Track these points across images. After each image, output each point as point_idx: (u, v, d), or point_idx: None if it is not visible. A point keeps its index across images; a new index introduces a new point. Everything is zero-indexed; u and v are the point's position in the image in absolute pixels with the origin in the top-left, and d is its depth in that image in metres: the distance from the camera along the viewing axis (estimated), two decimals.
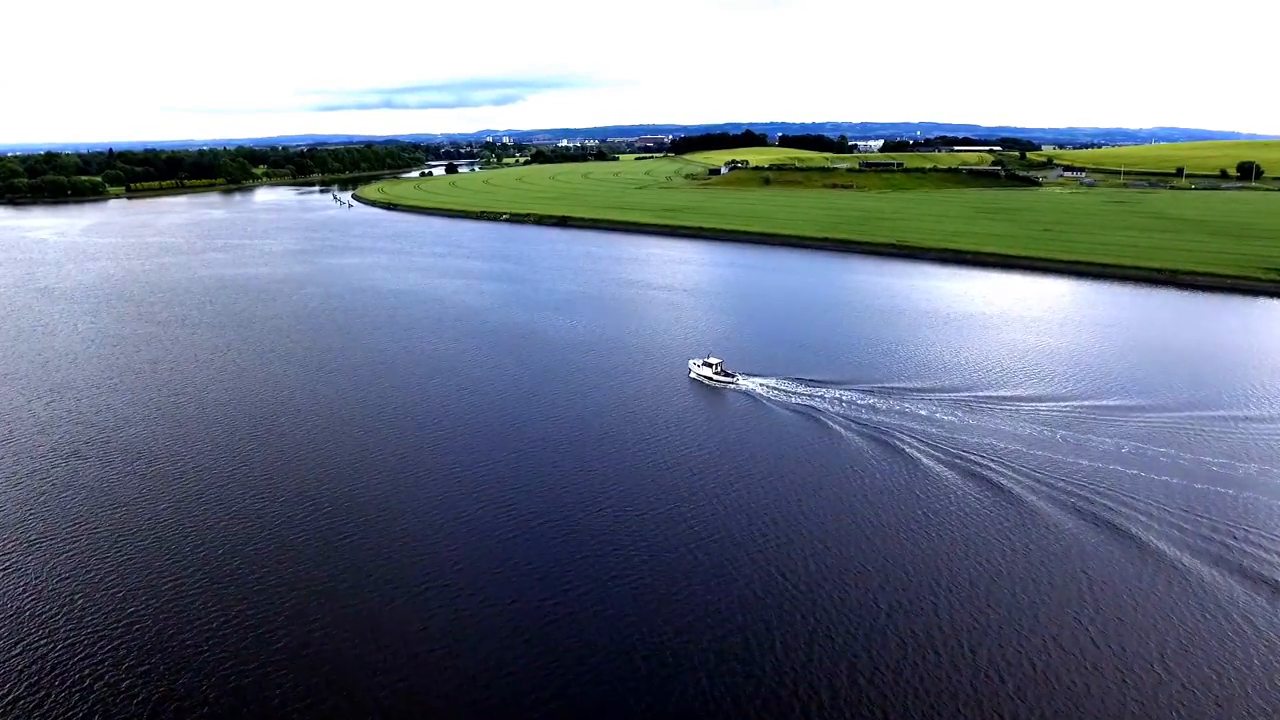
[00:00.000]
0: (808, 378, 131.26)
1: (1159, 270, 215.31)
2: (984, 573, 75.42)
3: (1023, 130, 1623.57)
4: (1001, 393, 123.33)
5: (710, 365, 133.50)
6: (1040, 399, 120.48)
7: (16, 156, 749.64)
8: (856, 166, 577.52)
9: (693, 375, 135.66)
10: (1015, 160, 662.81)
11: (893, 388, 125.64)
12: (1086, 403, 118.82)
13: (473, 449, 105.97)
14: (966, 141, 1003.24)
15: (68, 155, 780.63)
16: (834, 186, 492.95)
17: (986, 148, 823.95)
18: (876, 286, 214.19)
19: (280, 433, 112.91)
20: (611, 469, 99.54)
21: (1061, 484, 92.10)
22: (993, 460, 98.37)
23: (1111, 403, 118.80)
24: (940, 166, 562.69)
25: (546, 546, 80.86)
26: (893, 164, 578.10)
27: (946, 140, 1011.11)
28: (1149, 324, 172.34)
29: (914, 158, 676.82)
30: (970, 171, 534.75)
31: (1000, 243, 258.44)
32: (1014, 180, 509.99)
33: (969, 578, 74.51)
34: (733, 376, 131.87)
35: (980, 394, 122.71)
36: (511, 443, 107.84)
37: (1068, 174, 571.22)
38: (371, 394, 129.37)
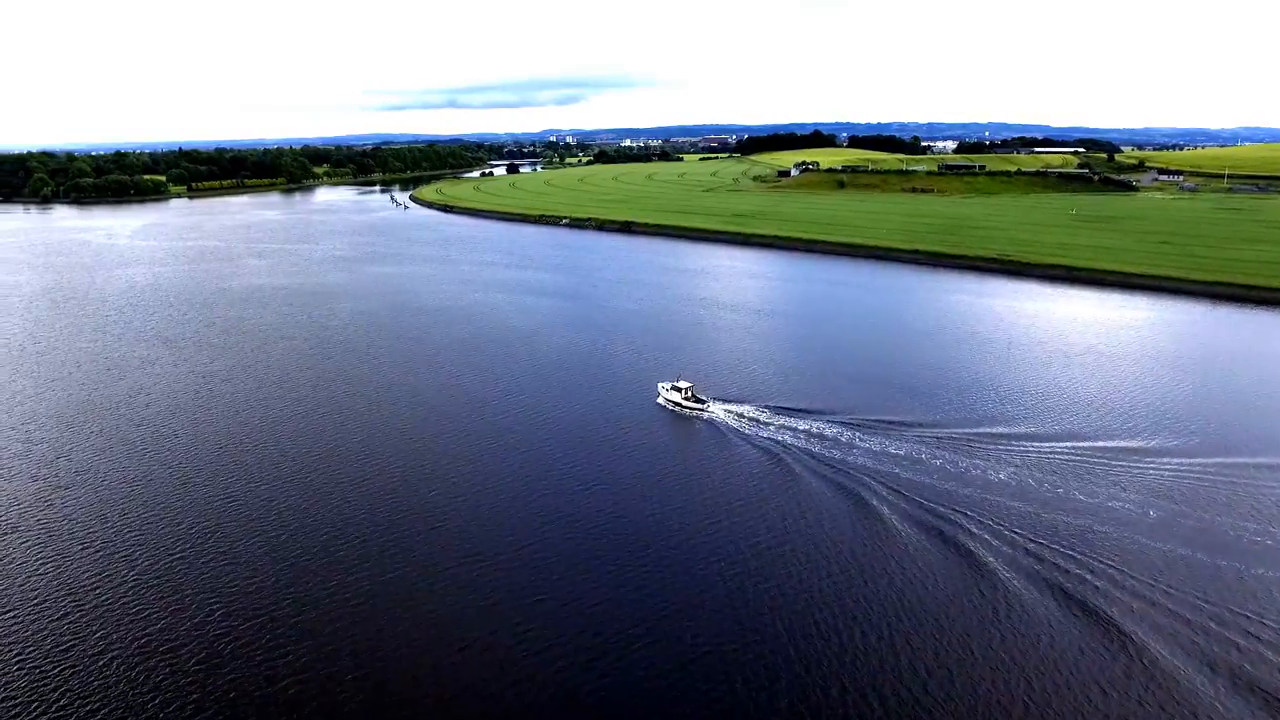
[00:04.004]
0: (888, 420, 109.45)
1: None
2: None
3: (1098, 131, 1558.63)
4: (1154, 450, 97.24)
5: (679, 389, 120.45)
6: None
7: (89, 156, 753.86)
8: (935, 169, 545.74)
9: (660, 400, 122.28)
10: (1103, 162, 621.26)
11: (1010, 444, 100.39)
12: None
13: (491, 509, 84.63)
14: (1047, 142, 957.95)
15: (136, 154, 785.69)
16: (913, 190, 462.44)
17: (1070, 149, 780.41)
18: (976, 309, 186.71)
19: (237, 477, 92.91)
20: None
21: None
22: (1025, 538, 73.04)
23: None
24: (1024, 169, 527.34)
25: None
26: (974, 166, 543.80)
27: (1024, 141, 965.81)
28: None
29: (995, 160, 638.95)
30: (1059, 175, 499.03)
31: (1114, 257, 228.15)
32: (1108, 184, 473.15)
33: None
34: (704, 403, 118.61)
35: (1090, 446, 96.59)
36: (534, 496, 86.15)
37: (1163, 177, 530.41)
38: (371, 438, 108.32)
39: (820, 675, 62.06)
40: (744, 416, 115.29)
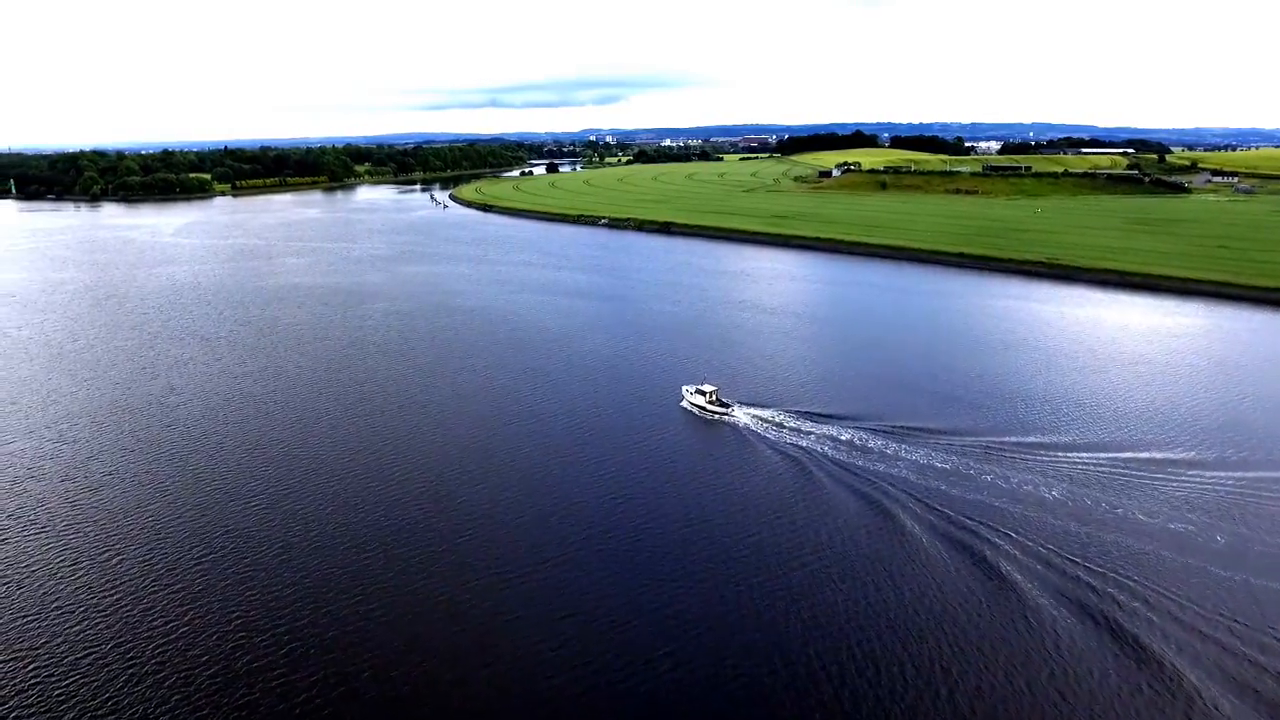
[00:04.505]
0: (922, 428, 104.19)
1: None
2: None
3: (1146, 131, 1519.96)
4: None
5: (703, 393, 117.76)
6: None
7: (138, 155, 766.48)
8: (979, 170, 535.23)
9: (684, 403, 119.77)
10: (1154, 163, 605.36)
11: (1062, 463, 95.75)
12: None
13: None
14: (1094, 143, 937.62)
15: (183, 153, 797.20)
16: (958, 191, 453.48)
17: (1118, 150, 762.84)
18: (1022, 314, 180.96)
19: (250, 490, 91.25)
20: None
21: None
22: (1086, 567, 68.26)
23: None
24: (1071, 170, 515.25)
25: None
26: (1020, 167, 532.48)
27: (1071, 142, 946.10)
28: None
29: (1041, 160, 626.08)
30: (1109, 176, 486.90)
31: (1168, 262, 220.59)
32: (1159, 186, 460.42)
33: None
34: (729, 407, 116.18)
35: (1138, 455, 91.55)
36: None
37: (1217, 178, 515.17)
38: (399, 442, 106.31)
39: (855, 700, 58.64)
40: (770, 421, 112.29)
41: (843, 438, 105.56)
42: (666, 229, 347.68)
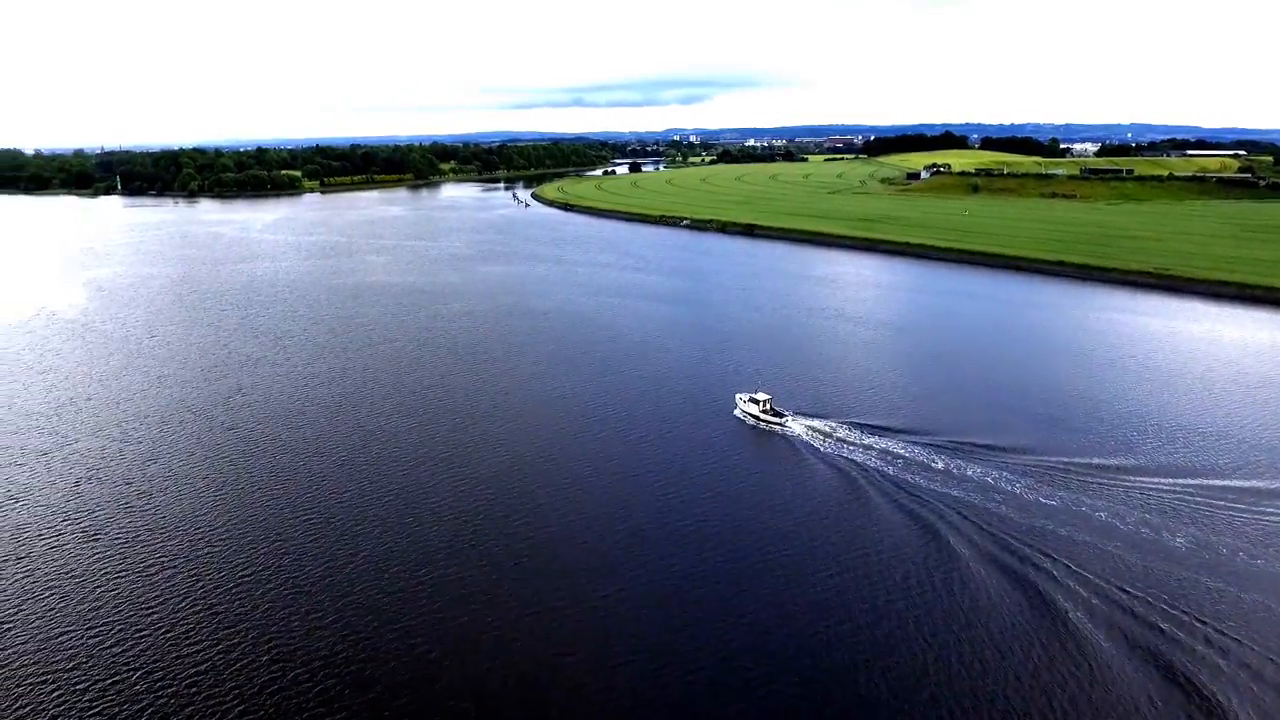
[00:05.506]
0: (994, 446, 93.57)
1: None
2: None
3: (1258, 131, 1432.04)
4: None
5: (757, 402, 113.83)
6: None
7: (234, 152, 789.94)
8: (1076, 172, 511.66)
9: (737, 412, 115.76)
10: (1268, 166, 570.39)
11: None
12: None
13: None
14: (1200, 144, 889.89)
15: (276, 150, 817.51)
16: (1053, 195, 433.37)
17: (1228, 151, 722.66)
18: (1127, 329, 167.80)
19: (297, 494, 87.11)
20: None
21: None
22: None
23: None
24: (1177, 173, 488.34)
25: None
26: (1121, 170, 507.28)
27: (1175, 143, 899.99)
28: None
29: (1143, 163, 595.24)
30: (1219, 180, 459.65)
31: None
32: (1276, 191, 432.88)
33: None
34: (783, 417, 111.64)
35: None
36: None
37: None
38: (462, 448, 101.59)
39: None
40: (827, 434, 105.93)
41: (911, 455, 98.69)
42: (749, 231, 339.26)
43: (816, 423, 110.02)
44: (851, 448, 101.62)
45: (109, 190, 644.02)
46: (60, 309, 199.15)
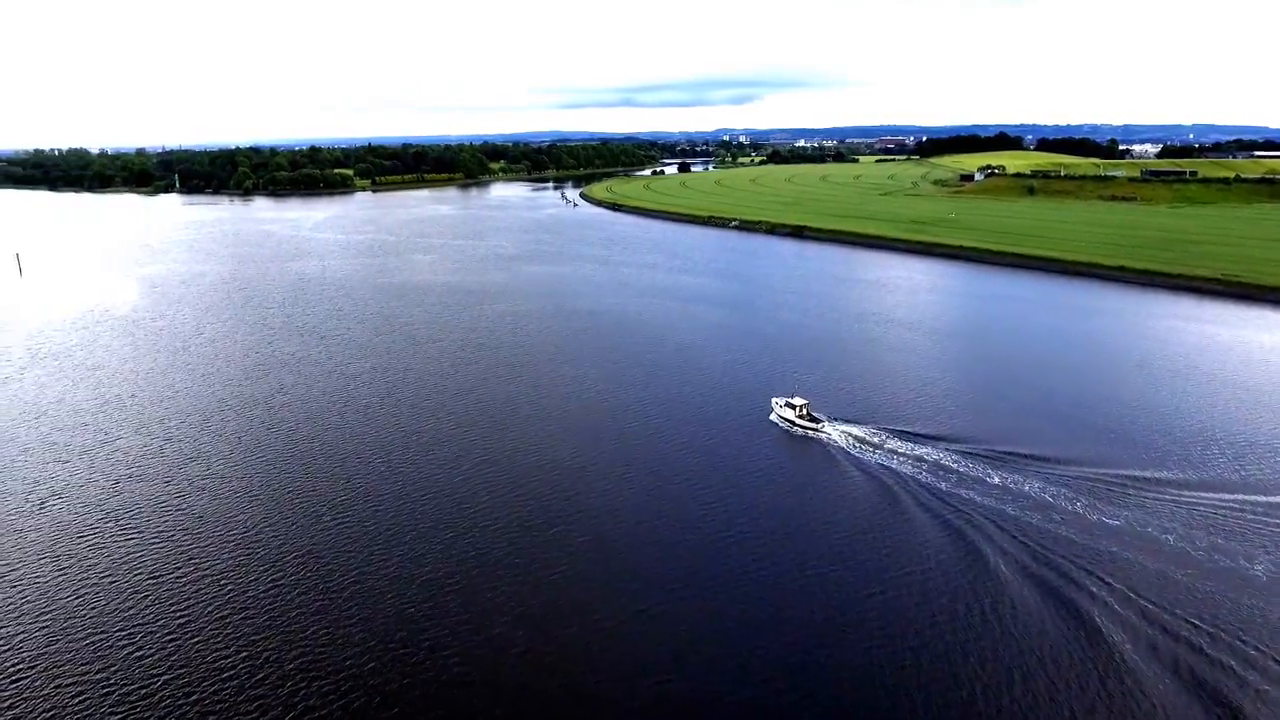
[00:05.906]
0: (1037, 456, 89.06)
1: None
2: None
3: None
4: None
5: (793, 407, 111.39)
6: None
7: (289, 151, 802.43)
8: (1136, 174, 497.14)
9: (773, 416, 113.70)
10: None
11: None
12: None
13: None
14: (1268, 145, 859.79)
15: (329, 150, 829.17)
16: (1113, 198, 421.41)
17: None
18: (1192, 337, 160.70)
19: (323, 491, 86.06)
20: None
21: None
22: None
23: None
24: (1244, 175, 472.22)
25: None
26: (1184, 172, 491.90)
27: (1241, 144, 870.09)
28: None
29: (1207, 165, 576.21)
30: None
31: None
32: None
33: None
34: (819, 422, 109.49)
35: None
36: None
37: None
38: (499, 452, 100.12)
39: None
40: (863, 441, 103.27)
41: (956, 465, 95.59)
42: (799, 233, 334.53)
43: (856, 429, 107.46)
44: (893, 456, 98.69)
45: (168, 188, 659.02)
46: (113, 305, 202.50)
